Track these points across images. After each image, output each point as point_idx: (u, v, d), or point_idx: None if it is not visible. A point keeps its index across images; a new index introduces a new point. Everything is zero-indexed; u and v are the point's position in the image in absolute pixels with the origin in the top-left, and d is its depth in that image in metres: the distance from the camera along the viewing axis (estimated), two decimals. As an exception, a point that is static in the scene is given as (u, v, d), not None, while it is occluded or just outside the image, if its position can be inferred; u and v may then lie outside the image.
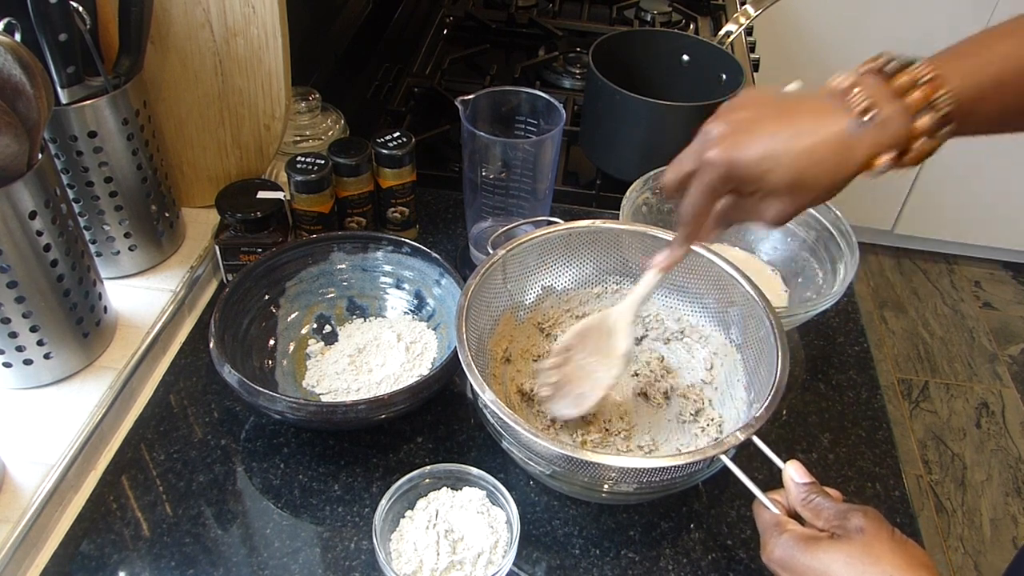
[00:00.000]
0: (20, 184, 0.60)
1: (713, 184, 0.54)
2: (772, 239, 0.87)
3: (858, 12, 1.91)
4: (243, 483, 0.68)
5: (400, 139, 0.82)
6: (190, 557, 0.62)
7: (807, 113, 0.52)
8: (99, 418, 0.68)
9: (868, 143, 0.49)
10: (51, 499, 0.62)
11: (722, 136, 0.53)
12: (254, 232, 0.80)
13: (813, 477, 0.54)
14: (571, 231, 0.74)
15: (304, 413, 0.64)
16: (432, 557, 0.58)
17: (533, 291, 0.76)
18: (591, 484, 0.60)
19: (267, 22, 0.76)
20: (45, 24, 0.62)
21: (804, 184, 0.51)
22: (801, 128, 0.51)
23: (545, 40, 1.32)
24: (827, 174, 0.50)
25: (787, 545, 0.50)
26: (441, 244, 0.92)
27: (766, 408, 0.58)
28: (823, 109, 0.51)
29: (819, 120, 0.51)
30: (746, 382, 0.68)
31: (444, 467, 0.63)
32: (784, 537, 0.51)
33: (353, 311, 0.80)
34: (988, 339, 2.19)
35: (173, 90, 0.80)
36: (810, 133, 0.50)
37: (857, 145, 0.50)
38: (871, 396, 0.79)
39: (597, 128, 0.98)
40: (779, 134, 0.51)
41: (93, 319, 0.71)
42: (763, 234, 0.87)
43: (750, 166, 0.51)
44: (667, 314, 0.77)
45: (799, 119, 0.51)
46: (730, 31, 1.01)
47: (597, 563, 0.64)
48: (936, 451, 1.90)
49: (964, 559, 1.68)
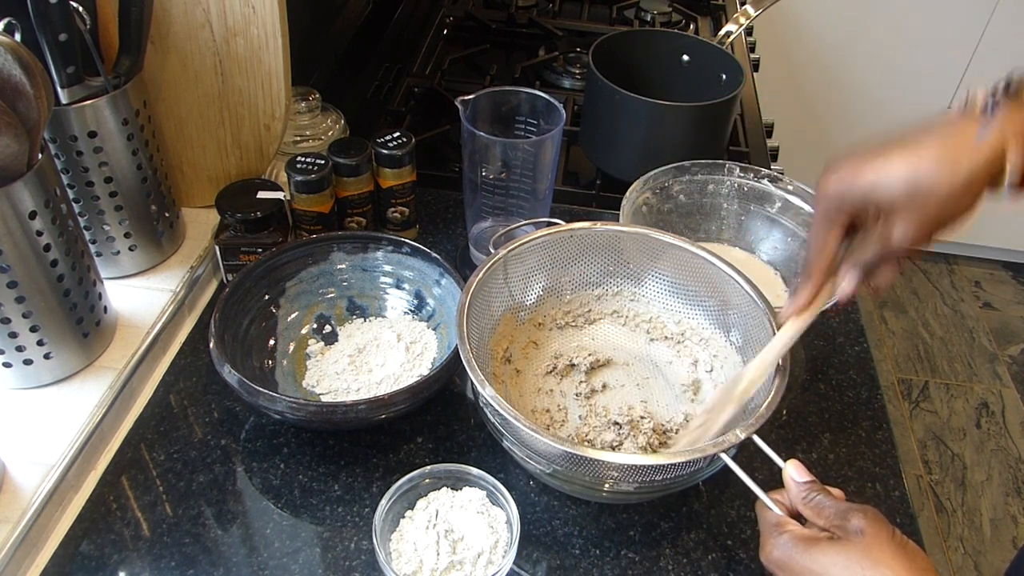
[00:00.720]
0: (20, 184, 0.60)
1: (829, 213, 0.53)
2: (772, 239, 0.87)
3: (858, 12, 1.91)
4: (243, 483, 0.68)
5: (400, 139, 0.82)
6: (190, 557, 0.62)
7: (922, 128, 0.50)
8: (99, 418, 0.68)
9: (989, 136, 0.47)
10: (51, 499, 0.62)
11: (835, 164, 0.53)
12: (254, 232, 0.80)
13: (813, 476, 0.54)
14: (572, 232, 0.74)
15: (304, 413, 0.64)
16: (432, 557, 0.58)
17: (534, 292, 0.76)
18: (592, 483, 0.60)
19: (267, 22, 0.76)
20: (45, 24, 0.62)
21: (921, 193, 0.49)
22: (916, 142, 0.50)
23: (545, 40, 1.32)
24: (945, 175, 0.48)
25: (785, 546, 0.50)
26: (441, 244, 0.92)
27: (766, 407, 0.58)
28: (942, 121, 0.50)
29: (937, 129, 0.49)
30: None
31: (444, 467, 0.63)
32: (783, 538, 0.50)
33: (353, 311, 0.80)
34: (988, 339, 2.19)
35: (173, 90, 0.80)
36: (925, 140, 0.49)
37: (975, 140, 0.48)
38: (871, 396, 0.79)
39: (597, 128, 0.98)
40: (894, 151, 0.50)
41: (93, 319, 0.71)
42: (763, 234, 0.87)
43: (864, 182, 0.51)
44: (667, 316, 0.77)
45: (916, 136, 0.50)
46: (730, 31, 1.01)
47: (597, 563, 0.64)
48: (936, 451, 1.90)
49: (964, 559, 1.68)
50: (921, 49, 1.94)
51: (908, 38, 1.93)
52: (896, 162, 0.50)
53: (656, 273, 0.76)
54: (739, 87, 0.93)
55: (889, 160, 0.50)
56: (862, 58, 1.98)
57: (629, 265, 0.76)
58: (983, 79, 0.49)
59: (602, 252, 0.76)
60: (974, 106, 0.49)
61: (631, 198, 0.82)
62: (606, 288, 0.78)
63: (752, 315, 0.68)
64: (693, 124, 0.94)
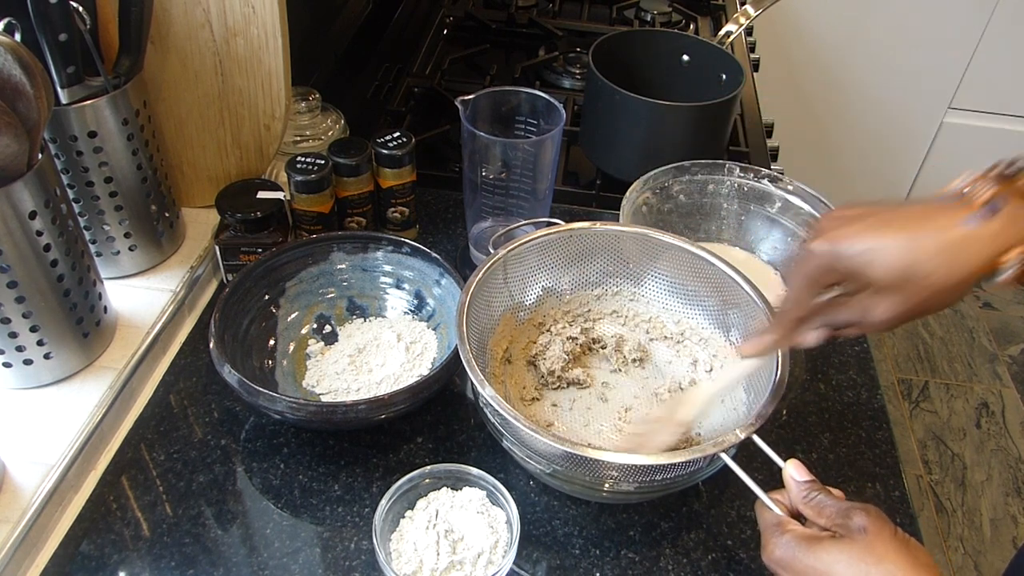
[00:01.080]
0: (20, 184, 0.60)
1: (813, 274, 0.52)
2: (772, 239, 0.87)
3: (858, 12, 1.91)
4: (243, 483, 0.68)
5: (400, 139, 0.82)
6: (190, 557, 0.62)
7: (924, 210, 0.49)
8: (99, 418, 0.68)
9: (992, 236, 0.47)
10: (51, 499, 0.62)
11: (828, 227, 0.51)
12: (254, 232, 0.80)
13: (813, 475, 0.54)
14: (572, 232, 0.74)
15: (304, 413, 0.64)
16: (432, 557, 0.58)
17: (533, 292, 0.76)
18: (592, 483, 0.60)
19: (267, 22, 0.76)
20: (45, 24, 0.62)
21: (913, 280, 0.48)
22: (915, 221, 0.49)
23: (545, 40, 1.32)
24: (940, 270, 0.47)
25: (788, 545, 0.50)
26: (441, 244, 0.92)
27: (766, 406, 0.58)
28: (938, 207, 0.49)
29: (937, 215, 0.48)
30: (746, 383, 0.68)
31: (444, 467, 0.63)
32: (785, 537, 0.50)
33: (353, 311, 0.80)
34: (988, 339, 2.19)
35: (173, 90, 0.80)
36: (924, 225, 0.48)
37: (978, 238, 0.47)
38: (871, 396, 0.79)
39: (597, 128, 0.98)
40: (889, 226, 0.49)
41: (93, 319, 0.71)
42: (763, 234, 0.87)
43: (855, 256, 0.49)
44: (667, 316, 0.77)
45: (914, 214, 0.49)
46: (730, 31, 1.01)
47: (597, 563, 0.64)
48: (936, 451, 1.90)
49: (964, 559, 1.68)
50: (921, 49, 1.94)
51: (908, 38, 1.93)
52: (894, 242, 0.49)
53: (656, 273, 0.76)
54: (739, 87, 0.93)
55: (887, 237, 0.49)
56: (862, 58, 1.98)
57: (629, 265, 0.76)
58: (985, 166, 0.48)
59: (601, 252, 0.76)
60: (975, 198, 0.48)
61: (631, 198, 0.82)
62: (606, 288, 0.78)
63: (752, 315, 0.68)
64: (693, 124, 0.94)
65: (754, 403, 0.64)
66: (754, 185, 0.87)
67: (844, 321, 0.54)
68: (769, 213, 0.87)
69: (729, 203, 0.88)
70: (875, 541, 0.47)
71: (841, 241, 0.50)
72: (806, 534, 0.50)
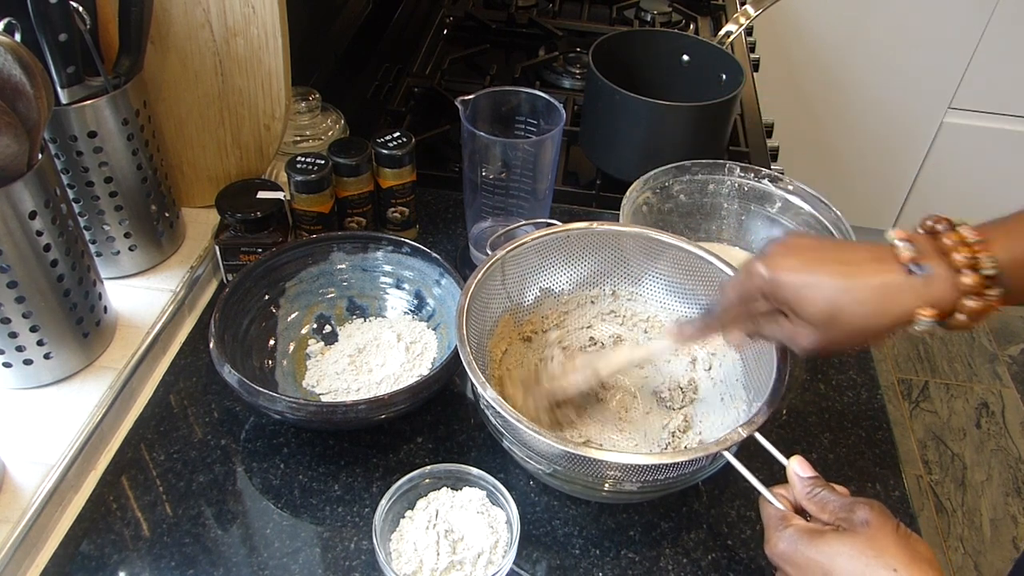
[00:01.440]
0: (20, 184, 0.60)
1: (750, 292, 0.56)
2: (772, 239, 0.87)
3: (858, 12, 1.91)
4: (243, 483, 0.68)
5: (400, 139, 0.82)
6: (190, 557, 0.62)
7: (861, 257, 0.53)
8: (99, 418, 0.68)
9: (912, 295, 0.51)
10: (51, 499, 0.62)
11: (775, 254, 0.55)
12: (254, 232, 0.80)
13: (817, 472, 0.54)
14: (570, 233, 0.74)
15: (304, 413, 0.64)
16: (432, 557, 0.58)
17: (532, 292, 0.76)
18: (593, 483, 0.60)
19: (267, 22, 0.76)
20: (45, 24, 0.62)
21: (838, 320, 0.52)
22: (850, 267, 0.52)
23: (545, 40, 1.32)
24: (863, 316, 0.52)
25: (791, 539, 0.50)
26: (441, 244, 0.92)
27: (767, 404, 0.58)
28: (877, 256, 0.52)
29: (870, 265, 0.52)
30: (745, 382, 0.68)
31: (444, 467, 0.63)
32: (788, 531, 0.51)
33: (353, 311, 0.80)
34: (988, 339, 2.19)
35: (173, 90, 0.80)
36: (857, 273, 0.52)
37: (900, 295, 0.51)
38: (871, 396, 0.79)
39: (597, 128, 0.98)
40: (828, 267, 0.53)
41: (93, 319, 0.71)
42: (763, 234, 0.87)
43: (790, 289, 0.53)
44: (665, 315, 0.77)
45: (852, 259, 0.53)
46: (730, 31, 1.01)
47: (597, 563, 0.64)
48: (936, 451, 1.90)
49: (964, 559, 1.68)
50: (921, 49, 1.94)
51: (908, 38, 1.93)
52: (827, 283, 0.52)
53: (654, 273, 0.76)
54: (739, 87, 0.93)
55: (822, 278, 0.52)
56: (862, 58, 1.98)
57: (627, 265, 0.76)
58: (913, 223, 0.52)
59: (599, 252, 0.76)
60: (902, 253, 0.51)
61: (631, 197, 0.82)
62: (603, 288, 0.78)
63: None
64: (693, 124, 0.94)
65: (755, 401, 0.64)
66: (754, 185, 0.87)
67: (771, 336, 0.58)
68: (769, 213, 0.87)
69: (729, 203, 0.88)
70: (877, 535, 0.48)
71: (781, 272, 0.54)
72: (808, 528, 0.51)
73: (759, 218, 0.87)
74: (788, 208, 0.85)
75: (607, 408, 0.72)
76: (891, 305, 0.51)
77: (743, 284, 0.57)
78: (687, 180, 0.87)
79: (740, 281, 0.57)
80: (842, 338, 0.53)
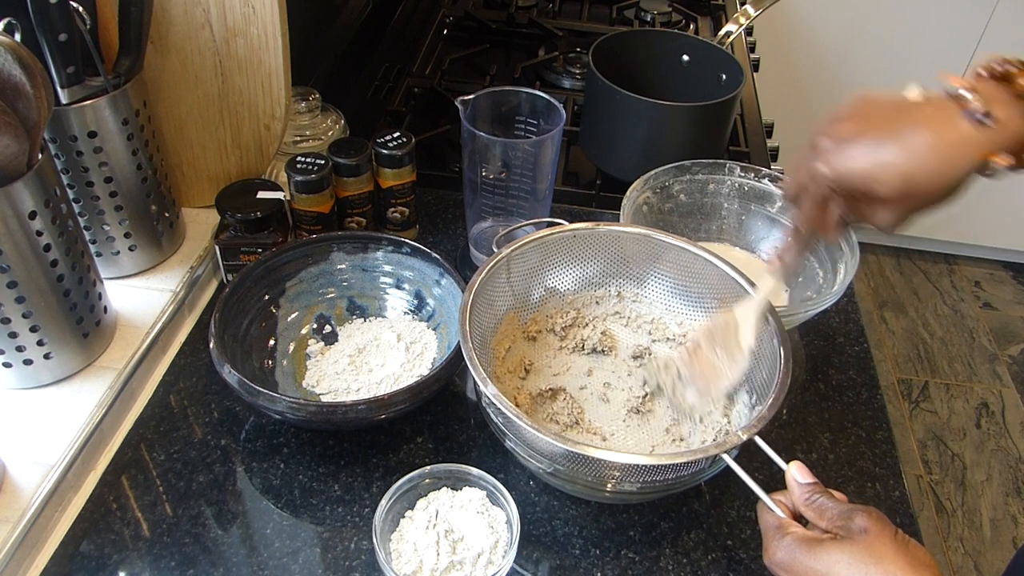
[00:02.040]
0: (20, 184, 0.60)
1: (823, 196, 0.55)
2: (772, 239, 0.87)
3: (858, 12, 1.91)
4: (243, 483, 0.68)
5: (400, 139, 0.82)
6: (190, 557, 0.62)
7: (917, 118, 0.51)
8: (99, 418, 0.68)
9: (983, 142, 0.49)
10: (51, 499, 0.62)
11: (830, 148, 0.53)
12: (254, 232, 0.80)
13: (816, 478, 0.54)
14: (575, 233, 0.74)
15: (304, 413, 0.64)
16: (432, 557, 0.58)
17: (537, 292, 0.76)
18: (595, 483, 0.60)
19: (267, 22, 0.76)
20: (45, 24, 0.62)
21: (914, 191, 0.51)
22: (910, 134, 0.50)
23: (545, 40, 1.32)
24: (939, 180, 0.50)
25: (789, 547, 0.50)
26: (441, 244, 0.92)
27: (769, 408, 0.58)
28: (935, 114, 0.51)
29: (929, 124, 0.50)
30: (748, 384, 0.68)
31: (444, 467, 0.63)
32: (786, 539, 0.50)
33: (353, 311, 0.80)
34: (988, 339, 2.19)
35: (173, 90, 0.80)
36: (919, 139, 0.50)
37: (970, 145, 0.49)
38: (871, 396, 0.79)
39: (597, 128, 0.98)
40: (887, 142, 0.51)
41: (93, 319, 0.71)
42: (764, 234, 0.88)
43: (857, 178, 0.52)
44: (669, 318, 0.77)
45: (908, 125, 0.51)
46: (730, 31, 1.01)
47: (597, 563, 0.64)
48: (936, 451, 1.90)
49: (964, 559, 1.68)
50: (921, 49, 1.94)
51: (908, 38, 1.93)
52: (893, 160, 0.50)
53: (658, 274, 0.76)
54: (739, 87, 0.93)
55: (885, 155, 0.51)
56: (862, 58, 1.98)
57: (631, 266, 0.76)
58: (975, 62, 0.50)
59: (604, 253, 0.76)
60: (966, 105, 0.50)
61: (632, 197, 0.82)
62: (608, 288, 0.78)
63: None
64: (693, 124, 0.94)
65: (756, 404, 0.64)
66: (755, 185, 0.87)
67: (856, 222, 0.56)
68: (770, 213, 0.87)
69: (730, 203, 0.88)
70: (875, 542, 0.48)
71: (842, 166, 0.52)
72: (807, 536, 0.50)
73: (759, 218, 0.87)
74: (788, 208, 0.85)
75: (611, 408, 0.72)
76: (962, 156, 0.49)
77: (814, 191, 0.55)
78: (687, 180, 0.87)
79: (806, 188, 0.55)
80: (920, 205, 0.51)
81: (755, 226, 0.88)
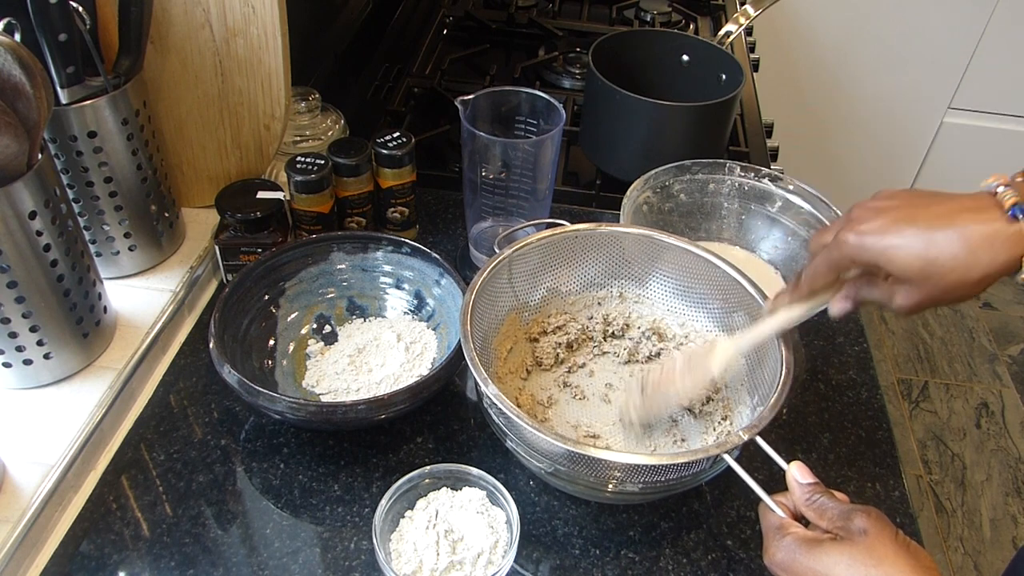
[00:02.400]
0: (20, 184, 0.60)
1: (837, 261, 0.55)
2: (772, 239, 0.87)
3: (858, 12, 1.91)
4: (243, 483, 0.68)
5: (400, 139, 0.82)
6: (190, 557, 0.62)
7: (952, 207, 0.51)
8: (99, 418, 0.68)
9: (1015, 239, 0.48)
10: (51, 499, 0.62)
11: (860, 218, 0.53)
12: (254, 232, 0.80)
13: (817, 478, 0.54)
14: (577, 233, 0.74)
15: (304, 413, 0.64)
16: (432, 557, 0.58)
17: (538, 292, 0.76)
18: (595, 484, 0.60)
19: (267, 22, 0.76)
20: (45, 24, 0.62)
21: (934, 275, 0.50)
22: (942, 220, 0.50)
23: (545, 40, 1.32)
24: (962, 268, 0.49)
25: (789, 548, 0.50)
26: (441, 244, 0.92)
27: (770, 409, 0.58)
28: (972, 204, 0.50)
29: (965, 215, 0.50)
30: (750, 385, 0.68)
31: (444, 467, 0.63)
32: (786, 540, 0.50)
33: (353, 311, 0.80)
34: (988, 339, 2.19)
35: (173, 90, 0.80)
36: (949, 225, 0.50)
37: (999, 239, 0.48)
38: (871, 396, 0.79)
39: (597, 128, 0.98)
40: (915, 221, 0.51)
41: (93, 319, 0.71)
42: (763, 233, 0.87)
43: (878, 251, 0.52)
44: (671, 319, 0.77)
45: (942, 211, 0.51)
46: (730, 31, 1.01)
47: (597, 563, 0.64)
48: (936, 451, 1.90)
49: (964, 559, 1.68)
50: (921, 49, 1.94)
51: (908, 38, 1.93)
52: (915, 240, 0.50)
53: (660, 275, 0.76)
54: (739, 87, 0.93)
55: (908, 235, 0.51)
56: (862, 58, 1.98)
57: (633, 267, 0.76)
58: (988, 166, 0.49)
59: (606, 253, 0.76)
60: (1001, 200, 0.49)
61: (632, 197, 0.82)
62: (610, 289, 0.78)
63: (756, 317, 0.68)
64: (693, 124, 0.94)
65: (758, 405, 0.64)
66: (755, 184, 0.87)
67: (869, 299, 0.56)
68: (770, 212, 0.87)
69: (730, 202, 0.88)
70: (875, 543, 0.48)
71: (866, 237, 0.52)
72: (807, 536, 0.50)
73: (759, 217, 0.87)
74: (788, 207, 0.85)
75: (613, 409, 0.72)
76: (993, 254, 0.49)
77: (831, 253, 0.55)
78: (687, 180, 0.87)
79: (828, 250, 0.55)
80: (940, 293, 0.51)
81: (755, 226, 0.88)
